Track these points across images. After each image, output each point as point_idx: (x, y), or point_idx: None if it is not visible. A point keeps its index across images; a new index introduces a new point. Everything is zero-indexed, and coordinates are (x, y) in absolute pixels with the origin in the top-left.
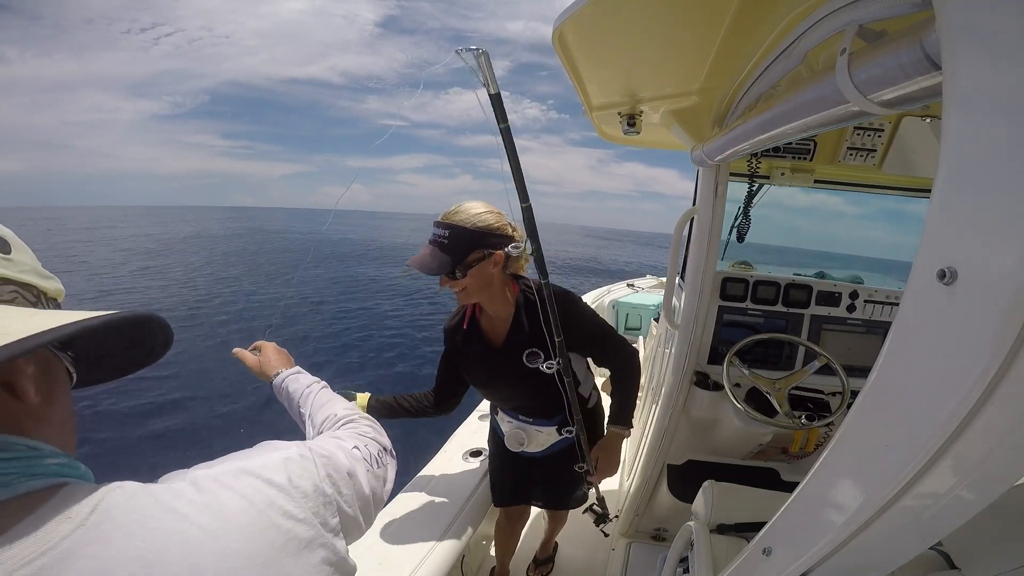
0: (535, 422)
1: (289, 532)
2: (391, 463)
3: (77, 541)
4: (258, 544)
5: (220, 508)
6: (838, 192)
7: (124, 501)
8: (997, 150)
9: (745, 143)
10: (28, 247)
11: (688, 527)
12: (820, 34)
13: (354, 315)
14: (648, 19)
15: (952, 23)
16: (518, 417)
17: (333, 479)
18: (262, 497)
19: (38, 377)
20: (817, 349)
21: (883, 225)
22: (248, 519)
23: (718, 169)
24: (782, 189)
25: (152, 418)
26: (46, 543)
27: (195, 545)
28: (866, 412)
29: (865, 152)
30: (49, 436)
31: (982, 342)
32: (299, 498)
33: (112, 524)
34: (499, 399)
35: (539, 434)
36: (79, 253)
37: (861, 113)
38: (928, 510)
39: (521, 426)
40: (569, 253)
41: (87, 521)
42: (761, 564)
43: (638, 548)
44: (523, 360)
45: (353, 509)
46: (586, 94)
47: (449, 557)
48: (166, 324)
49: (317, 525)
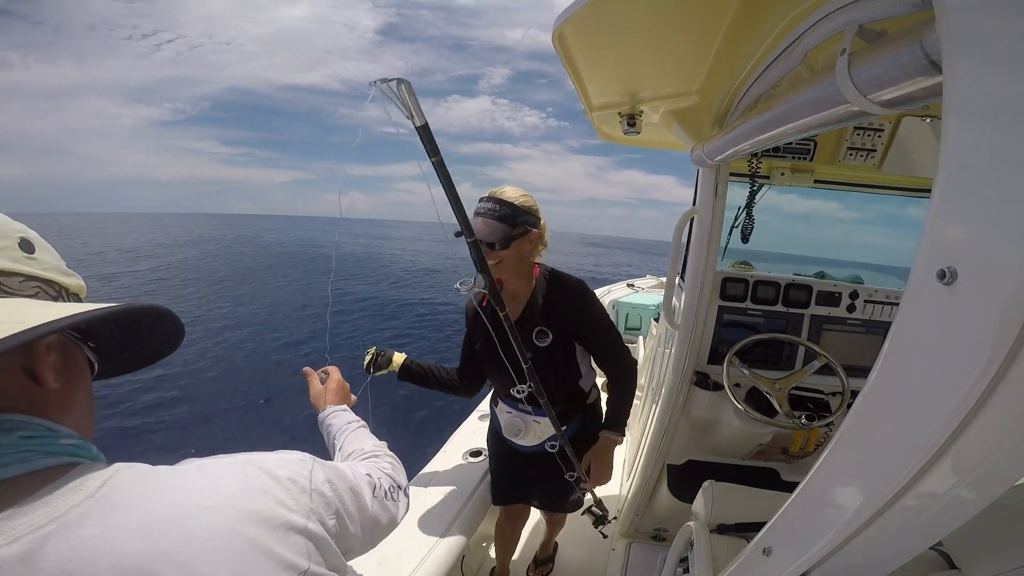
0: (534, 412)
1: (281, 518)
2: (403, 500)
3: (85, 510)
4: (249, 523)
5: (218, 488)
6: (834, 198)
7: (133, 478)
8: (997, 150)
9: (745, 143)
10: (52, 248)
11: (688, 527)
12: (820, 34)
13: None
14: (648, 19)
15: (952, 23)
16: (517, 407)
17: (334, 486)
18: (260, 484)
19: (59, 365)
20: (817, 349)
21: (881, 231)
22: (242, 500)
23: (718, 169)
24: (777, 195)
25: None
26: (56, 512)
27: (189, 519)
28: (866, 412)
29: (865, 152)
30: (67, 421)
31: (982, 342)
32: (296, 492)
33: (118, 497)
34: (501, 376)
35: (537, 425)
36: (84, 257)
37: (861, 113)
38: (928, 510)
39: (520, 415)
40: (569, 261)
41: (96, 494)
42: (761, 564)
43: (638, 548)
44: (532, 338)
45: (355, 524)
46: (586, 94)
47: (449, 557)
48: (174, 316)
49: (313, 520)
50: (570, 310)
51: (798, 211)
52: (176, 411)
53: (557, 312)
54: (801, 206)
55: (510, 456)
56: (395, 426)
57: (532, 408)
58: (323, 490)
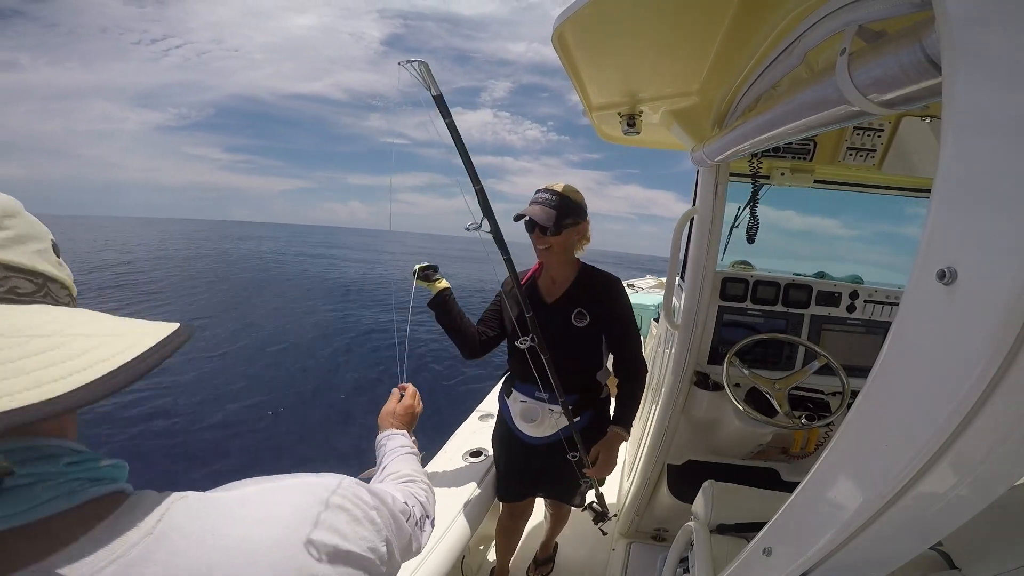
0: (550, 399)
1: (338, 548)
2: (428, 530)
3: (146, 549)
4: (309, 555)
5: (280, 518)
6: (833, 214)
7: (190, 511)
8: (997, 150)
9: (745, 143)
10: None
11: (688, 527)
12: (820, 34)
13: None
14: (648, 19)
15: (952, 23)
16: (533, 394)
17: (382, 512)
18: (315, 512)
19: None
20: (817, 349)
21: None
22: (303, 529)
23: (718, 169)
24: (775, 212)
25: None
26: (116, 552)
27: (256, 554)
28: (866, 412)
29: (865, 152)
30: (72, 432)
31: (982, 342)
32: (349, 521)
33: (179, 533)
34: (527, 358)
35: (551, 414)
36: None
37: (861, 113)
38: (928, 510)
39: (535, 403)
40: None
41: (154, 530)
42: (761, 564)
43: (638, 548)
44: (571, 318)
45: (399, 551)
46: (586, 94)
47: (449, 557)
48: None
49: (366, 548)
50: (606, 300)
51: (796, 227)
52: (166, 422)
53: (594, 300)
54: (798, 223)
55: (519, 451)
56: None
57: (548, 396)
58: (373, 517)
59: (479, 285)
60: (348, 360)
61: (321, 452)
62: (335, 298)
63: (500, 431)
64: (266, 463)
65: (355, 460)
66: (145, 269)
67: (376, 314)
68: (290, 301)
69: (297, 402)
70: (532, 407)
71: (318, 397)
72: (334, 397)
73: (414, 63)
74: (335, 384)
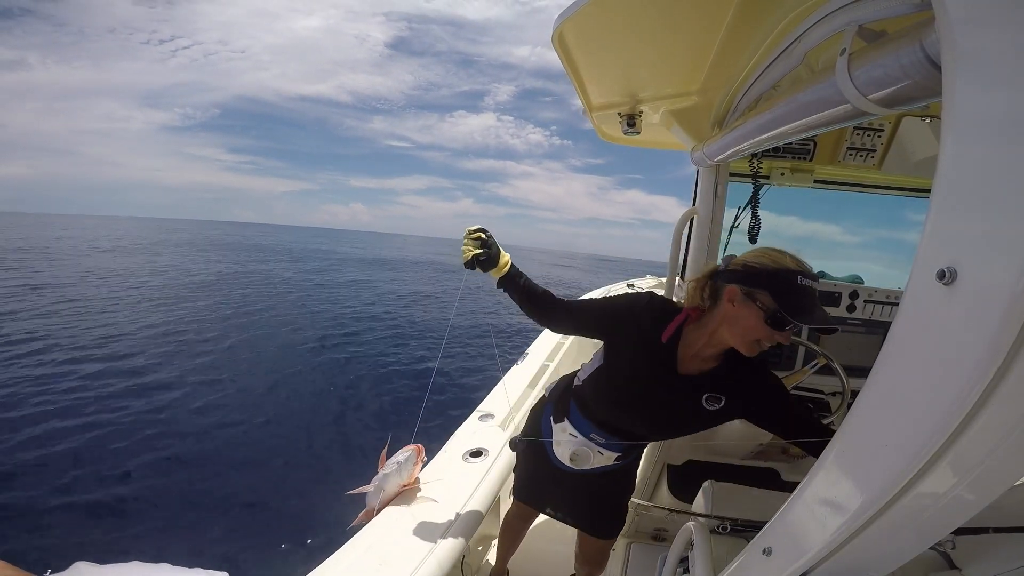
0: (607, 444)
1: None
2: None
3: None
4: None
5: None
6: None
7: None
8: (997, 150)
9: (745, 143)
10: None
11: (688, 527)
12: (820, 34)
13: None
14: (648, 19)
15: (952, 23)
16: (589, 435)
17: None
18: None
19: None
20: (817, 349)
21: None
22: None
23: (718, 169)
24: (776, 218)
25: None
26: None
27: None
28: (866, 412)
29: (865, 152)
30: None
31: (982, 342)
32: None
33: None
34: (620, 414)
35: (600, 456)
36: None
37: (861, 113)
38: (928, 510)
39: (589, 445)
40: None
41: None
42: (761, 564)
43: (638, 548)
44: (703, 400)
45: None
46: (586, 94)
47: (449, 557)
48: None
49: None
50: (755, 384)
51: (797, 233)
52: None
53: (739, 383)
54: (801, 229)
55: (546, 465)
56: (396, 426)
57: (606, 441)
58: None
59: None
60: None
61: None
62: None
63: (532, 448)
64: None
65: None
66: (144, 273)
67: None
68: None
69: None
70: (585, 452)
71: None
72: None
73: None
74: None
